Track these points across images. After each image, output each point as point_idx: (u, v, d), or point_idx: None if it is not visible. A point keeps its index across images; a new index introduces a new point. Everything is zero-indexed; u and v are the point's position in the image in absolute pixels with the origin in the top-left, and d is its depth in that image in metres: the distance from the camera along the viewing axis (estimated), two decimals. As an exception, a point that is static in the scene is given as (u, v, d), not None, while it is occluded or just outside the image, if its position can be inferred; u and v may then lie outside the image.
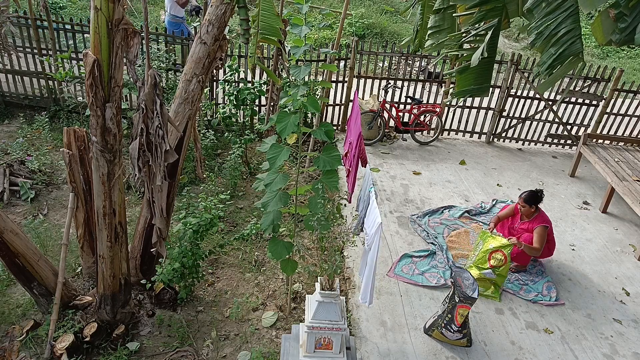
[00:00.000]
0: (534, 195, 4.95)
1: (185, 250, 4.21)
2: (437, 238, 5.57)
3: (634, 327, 4.63)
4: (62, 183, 6.16)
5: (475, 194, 6.74)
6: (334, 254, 3.70)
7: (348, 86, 7.80)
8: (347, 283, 4.87)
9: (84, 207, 4.10)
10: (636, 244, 5.91)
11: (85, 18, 7.81)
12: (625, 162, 6.68)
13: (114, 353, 3.84)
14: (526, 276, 5.08)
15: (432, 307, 4.58)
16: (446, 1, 3.63)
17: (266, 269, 5.02)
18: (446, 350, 4.14)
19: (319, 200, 3.47)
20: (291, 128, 3.34)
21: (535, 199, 4.94)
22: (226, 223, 5.63)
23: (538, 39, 2.88)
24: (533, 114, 8.12)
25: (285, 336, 3.77)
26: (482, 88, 3.38)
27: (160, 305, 4.36)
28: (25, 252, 3.77)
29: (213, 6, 3.83)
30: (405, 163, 7.45)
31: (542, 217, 4.99)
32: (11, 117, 7.62)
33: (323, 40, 12.15)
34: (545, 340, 4.37)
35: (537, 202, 4.96)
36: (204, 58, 3.91)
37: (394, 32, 13.57)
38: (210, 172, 6.35)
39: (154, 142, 3.45)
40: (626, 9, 2.55)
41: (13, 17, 6.95)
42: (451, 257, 5.27)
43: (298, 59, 5.27)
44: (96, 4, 2.95)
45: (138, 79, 3.31)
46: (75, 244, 4.60)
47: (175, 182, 4.24)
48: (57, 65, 7.11)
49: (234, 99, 6.98)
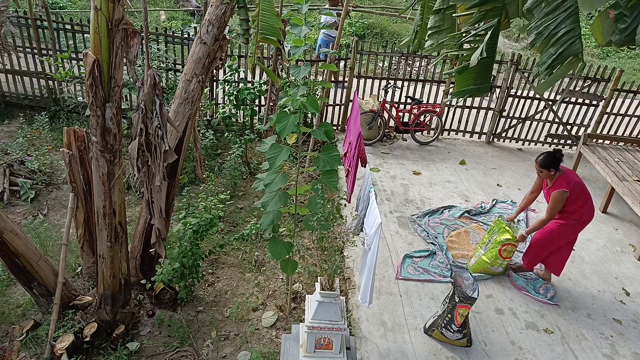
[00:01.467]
0: (551, 156, 4.45)
1: (185, 250, 4.21)
2: (437, 238, 5.57)
3: (634, 327, 4.63)
4: (62, 183, 6.16)
5: (475, 194, 6.74)
6: (334, 254, 3.70)
7: (348, 86, 7.81)
8: (347, 283, 4.87)
9: (84, 207, 4.10)
10: (636, 244, 5.91)
11: (85, 18, 7.81)
12: (625, 162, 6.68)
13: (114, 353, 3.84)
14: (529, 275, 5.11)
15: (432, 307, 4.58)
16: (446, 1, 3.63)
17: (266, 269, 5.02)
18: (446, 350, 4.14)
19: (318, 200, 3.47)
20: (290, 128, 3.34)
21: (552, 160, 4.45)
22: (226, 223, 5.63)
23: (538, 39, 2.88)
24: (533, 114, 8.12)
25: (285, 336, 3.77)
26: (482, 88, 3.38)
27: (160, 305, 4.36)
28: (25, 252, 3.77)
29: (213, 6, 3.83)
30: (405, 163, 7.45)
31: (563, 180, 4.46)
32: (11, 117, 7.62)
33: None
34: (545, 340, 4.37)
35: (555, 163, 4.45)
36: (204, 58, 3.91)
37: (394, 32, 13.58)
38: (210, 172, 6.35)
39: (153, 143, 3.45)
40: (626, 10, 2.55)
41: (13, 17, 6.95)
42: (451, 257, 5.28)
43: (298, 59, 5.26)
44: (96, 4, 2.95)
45: (138, 79, 3.31)
46: (75, 244, 4.60)
47: (175, 182, 4.23)
48: (57, 65, 7.11)
49: (234, 99, 6.98)
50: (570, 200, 4.47)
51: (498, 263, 4.89)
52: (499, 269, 4.96)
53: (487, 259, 4.87)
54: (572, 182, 4.45)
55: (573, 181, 4.47)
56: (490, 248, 4.88)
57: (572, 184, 4.44)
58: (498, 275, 5.04)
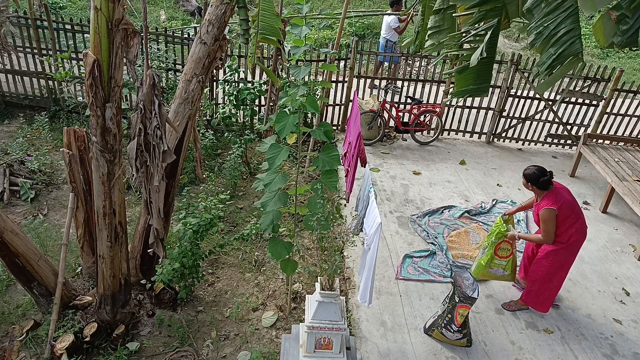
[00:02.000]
0: (537, 173, 4.17)
1: (185, 250, 4.21)
2: (437, 238, 5.57)
3: (634, 327, 4.63)
4: (62, 183, 6.16)
5: (475, 194, 6.74)
6: (334, 254, 3.70)
7: (348, 86, 7.80)
8: (347, 283, 4.87)
9: (84, 207, 4.10)
10: (636, 244, 5.91)
11: (85, 18, 7.81)
12: (625, 162, 6.68)
13: (114, 353, 3.84)
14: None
15: (432, 307, 4.58)
16: (446, 1, 3.63)
17: (266, 269, 5.02)
18: (446, 350, 4.14)
19: (318, 200, 3.47)
20: (290, 128, 3.34)
21: (535, 177, 4.18)
22: (226, 223, 5.63)
23: (538, 39, 2.88)
24: (533, 114, 8.12)
25: (285, 336, 3.77)
26: (482, 88, 3.38)
27: (160, 305, 4.36)
28: (25, 252, 3.77)
29: (213, 6, 3.83)
30: (405, 163, 7.45)
31: (552, 196, 4.14)
32: (11, 117, 7.62)
33: (323, 40, 12.15)
34: (545, 340, 4.37)
35: (537, 181, 4.18)
36: (204, 58, 3.91)
37: (394, 32, 13.56)
38: (210, 172, 6.34)
39: (151, 143, 3.45)
40: (628, 11, 2.54)
41: (13, 17, 6.95)
42: (451, 257, 5.27)
43: (298, 59, 5.26)
44: (96, 4, 2.95)
45: (138, 78, 3.31)
46: (75, 244, 4.60)
47: (175, 182, 4.23)
48: (57, 65, 7.11)
49: (233, 99, 6.98)
50: (558, 220, 4.12)
51: (496, 264, 4.60)
52: (499, 271, 4.62)
53: (484, 262, 4.60)
54: (560, 200, 4.10)
55: (562, 199, 4.12)
56: (487, 251, 4.61)
57: (560, 202, 4.09)
58: (505, 280, 4.68)
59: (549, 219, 4.10)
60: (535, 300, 4.53)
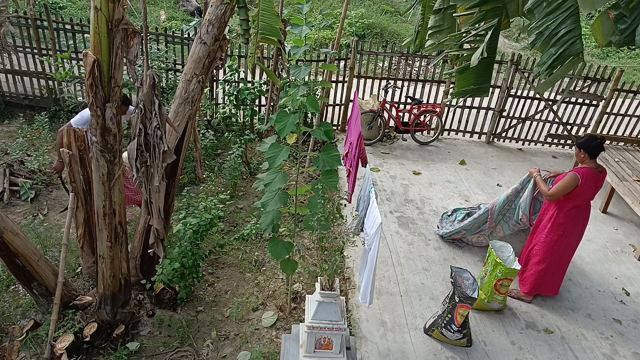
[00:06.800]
0: (590, 139, 4.30)
1: (185, 250, 4.21)
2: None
3: (634, 327, 4.63)
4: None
5: (475, 194, 6.74)
6: (334, 254, 3.70)
7: (348, 86, 7.81)
8: (347, 283, 4.87)
9: (84, 207, 4.10)
10: (636, 244, 5.91)
11: (85, 18, 7.81)
12: (625, 162, 6.68)
13: (114, 353, 3.84)
14: None
15: (432, 307, 4.58)
16: (446, 1, 3.63)
17: (266, 269, 5.02)
18: (446, 350, 4.14)
19: (318, 200, 3.47)
20: (290, 128, 3.34)
21: (588, 143, 4.29)
22: (226, 223, 5.63)
23: (538, 39, 2.89)
24: (533, 114, 8.12)
25: (285, 336, 3.76)
26: (482, 88, 3.38)
27: (160, 305, 4.36)
28: (25, 252, 3.77)
29: (213, 6, 3.83)
30: (405, 163, 7.45)
31: (584, 169, 4.29)
32: (11, 117, 7.62)
33: (323, 40, 12.16)
34: (545, 340, 4.37)
35: (588, 147, 4.29)
36: (204, 58, 3.90)
37: (394, 32, 13.58)
38: (210, 172, 6.35)
39: (151, 143, 3.45)
40: (626, 10, 2.55)
41: (13, 17, 6.95)
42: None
43: (298, 59, 5.27)
44: (96, 4, 2.95)
45: (138, 79, 3.31)
46: (75, 244, 4.60)
47: (175, 183, 4.23)
48: (57, 65, 7.11)
49: (234, 99, 6.98)
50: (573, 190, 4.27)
51: (495, 299, 4.51)
52: (495, 304, 4.55)
53: (484, 294, 4.50)
54: (588, 177, 4.26)
55: (590, 177, 4.27)
56: (486, 282, 4.51)
57: (586, 177, 4.25)
58: (495, 311, 4.61)
59: (569, 181, 4.27)
60: (542, 282, 4.67)
